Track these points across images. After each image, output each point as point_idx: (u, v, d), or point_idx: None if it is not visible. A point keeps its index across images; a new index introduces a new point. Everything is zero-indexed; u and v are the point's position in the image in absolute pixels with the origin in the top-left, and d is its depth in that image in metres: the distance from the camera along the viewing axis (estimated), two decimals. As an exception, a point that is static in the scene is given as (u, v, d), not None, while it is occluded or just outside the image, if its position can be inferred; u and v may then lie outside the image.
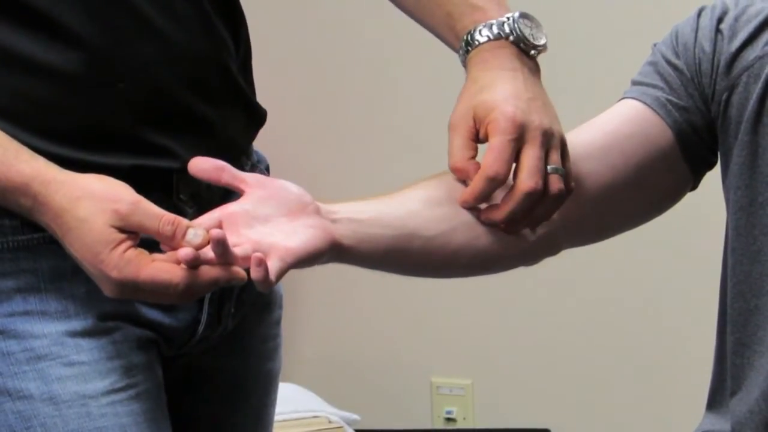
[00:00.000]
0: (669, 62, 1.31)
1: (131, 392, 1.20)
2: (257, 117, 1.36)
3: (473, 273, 1.29)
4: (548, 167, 1.20)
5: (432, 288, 2.81)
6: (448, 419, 2.90)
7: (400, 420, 2.92)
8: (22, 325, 1.17)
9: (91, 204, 1.09)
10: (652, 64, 1.32)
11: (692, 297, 2.52)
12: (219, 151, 1.27)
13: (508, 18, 1.24)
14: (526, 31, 1.24)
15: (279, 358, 1.44)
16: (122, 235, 1.09)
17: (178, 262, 1.07)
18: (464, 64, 1.27)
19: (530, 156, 1.19)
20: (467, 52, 1.26)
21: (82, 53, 1.17)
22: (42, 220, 1.12)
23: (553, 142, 1.21)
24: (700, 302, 1.66)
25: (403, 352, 2.93)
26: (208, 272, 1.07)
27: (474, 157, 1.23)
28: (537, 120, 1.20)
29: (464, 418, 2.90)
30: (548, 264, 1.30)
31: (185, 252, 1.06)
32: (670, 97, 1.30)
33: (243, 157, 1.35)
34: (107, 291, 1.10)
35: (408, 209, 1.21)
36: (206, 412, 1.38)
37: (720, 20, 1.29)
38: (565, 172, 1.22)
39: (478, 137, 1.23)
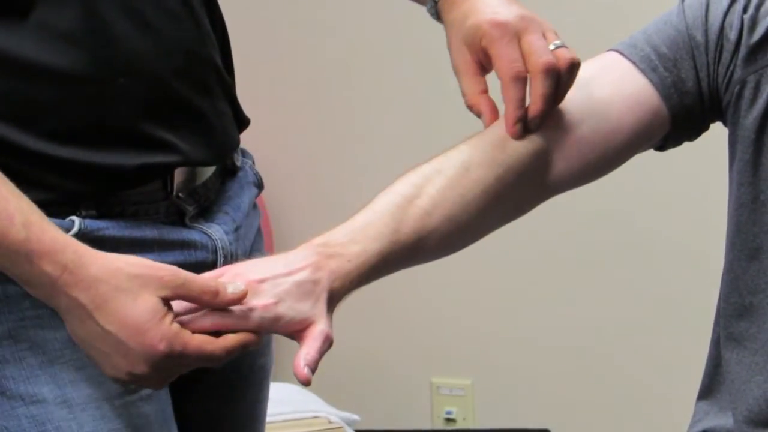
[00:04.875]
0: (692, 38, 1.28)
1: (142, 393, 1.21)
2: (242, 115, 1.38)
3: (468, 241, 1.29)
4: (550, 46, 1.21)
5: (432, 288, 2.81)
6: (448, 419, 2.90)
7: (400, 420, 2.92)
8: (33, 330, 1.17)
9: (132, 274, 1.06)
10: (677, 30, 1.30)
11: (694, 297, 2.52)
12: (216, 145, 1.29)
13: None
14: None
15: (271, 353, 1.46)
16: (166, 307, 1.07)
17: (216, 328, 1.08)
18: (436, 13, 1.30)
19: (530, 41, 1.20)
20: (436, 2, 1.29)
21: (80, 51, 1.16)
22: (63, 291, 1.07)
23: (544, 26, 1.23)
24: (702, 303, 1.66)
25: (403, 353, 2.93)
26: (235, 338, 1.09)
27: (486, 90, 1.24)
28: (518, 13, 1.22)
29: (464, 419, 2.90)
30: (549, 264, 1.31)
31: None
32: (674, 79, 1.28)
33: (234, 153, 1.37)
34: (141, 366, 1.07)
35: (378, 231, 1.22)
36: (201, 408, 1.38)
37: (745, 9, 1.26)
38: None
39: (483, 68, 1.24)
